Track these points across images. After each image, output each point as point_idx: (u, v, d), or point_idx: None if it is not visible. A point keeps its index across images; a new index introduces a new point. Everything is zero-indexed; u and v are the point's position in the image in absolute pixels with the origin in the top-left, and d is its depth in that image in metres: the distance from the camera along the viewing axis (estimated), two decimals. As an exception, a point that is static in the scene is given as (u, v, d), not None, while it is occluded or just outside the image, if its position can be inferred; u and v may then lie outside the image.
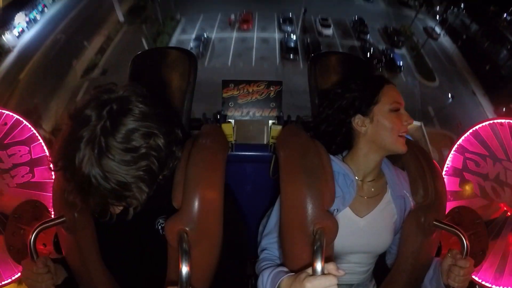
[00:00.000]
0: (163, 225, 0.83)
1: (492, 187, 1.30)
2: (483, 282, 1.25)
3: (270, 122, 1.27)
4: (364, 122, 0.95)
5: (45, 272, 0.85)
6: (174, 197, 0.77)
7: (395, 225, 1.01)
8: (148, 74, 1.19)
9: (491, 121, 1.34)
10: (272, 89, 1.26)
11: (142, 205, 0.75)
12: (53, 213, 1.01)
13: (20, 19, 13.58)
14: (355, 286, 1.05)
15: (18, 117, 1.30)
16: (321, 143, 0.91)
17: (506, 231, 1.26)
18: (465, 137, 1.36)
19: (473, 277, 1.24)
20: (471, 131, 1.35)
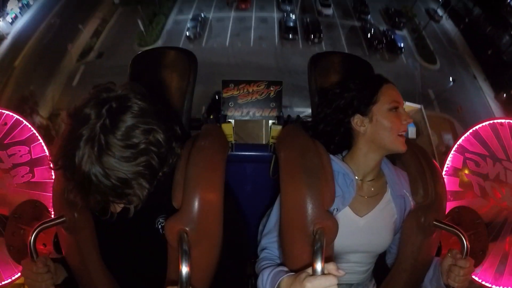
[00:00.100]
0: (163, 224, 0.83)
1: (492, 187, 1.30)
2: (483, 282, 1.25)
3: (270, 122, 1.27)
4: (363, 121, 0.95)
5: (45, 272, 0.85)
6: (174, 197, 0.77)
7: (395, 224, 1.01)
8: (148, 74, 1.19)
9: (491, 121, 1.34)
10: (272, 89, 1.26)
11: (143, 202, 0.75)
12: (53, 213, 1.01)
13: (12, 5, 12.85)
14: (355, 286, 1.05)
15: (18, 117, 1.30)
16: (320, 143, 0.91)
17: (506, 231, 1.26)
18: (465, 137, 1.36)
19: (473, 277, 1.24)
20: (471, 131, 1.35)
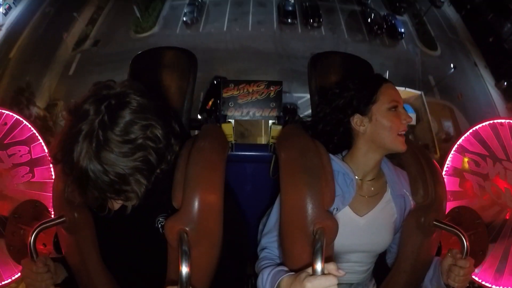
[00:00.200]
0: (163, 224, 0.83)
1: (492, 187, 1.30)
2: (483, 282, 1.25)
3: (270, 122, 1.27)
4: (363, 121, 0.95)
5: (44, 272, 0.85)
6: (174, 197, 0.77)
7: (395, 224, 1.01)
8: (147, 74, 1.19)
9: (491, 121, 1.34)
10: (272, 89, 1.26)
11: (141, 199, 0.75)
12: (53, 213, 1.01)
13: (6, -5, 12.46)
14: (354, 286, 1.05)
15: (18, 117, 1.30)
16: (320, 143, 0.91)
17: (506, 231, 1.26)
18: (465, 137, 1.36)
19: (473, 277, 1.24)
20: (471, 131, 1.35)
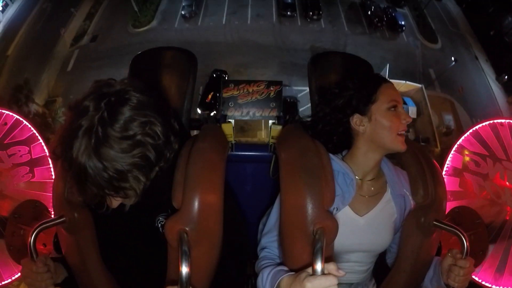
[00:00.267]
0: (163, 223, 0.83)
1: (492, 187, 1.30)
2: (483, 282, 1.25)
3: (270, 122, 1.27)
4: (362, 121, 0.95)
5: (44, 271, 0.85)
6: (174, 197, 0.77)
7: (395, 224, 1.01)
8: (147, 74, 1.20)
9: (491, 121, 1.34)
10: (272, 89, 1.26)
11: (141, 198, 0.75)
12: (53, 213, 1.01)
13: (2, -7, 12.20)
14: (354, 285, 1.05)
15: (18, 117, 1.31)
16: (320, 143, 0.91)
17: (506, 231, 1.26)
18: (465, 137, 1.36)
19: (473, 277, 1.24)
20: (471, 131, 1.35)
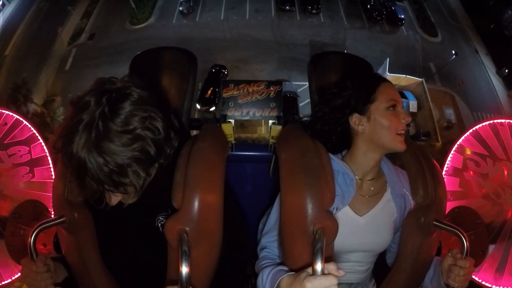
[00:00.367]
0: (163, 223, 0.83)
1: (492, 187, 1.30)
2: (483, 282, 1.25)
3: (270, 122, 1.27)
4: (361, 121, 0.95)
5: (44, 271, 0.84)
6: (174, 197, 0.77)
7: (395, 223, 1.01)
8: (147, 74, 1.19)
9: (491, 121, 1.34)
10: (272, 89, 1.26)
11: (140, 197, 0.75)
12: (53, 213, 1.01)
13: (-1, -7, 12.18)
14: (354, 285, 1.05)
15: (18, 117, 1.31)
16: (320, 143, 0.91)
17: (506, 231, 1.26)
18: (465, 137, 1.36)
19: (473, 277, 1.24)
20: (471, 131, 1.35)
